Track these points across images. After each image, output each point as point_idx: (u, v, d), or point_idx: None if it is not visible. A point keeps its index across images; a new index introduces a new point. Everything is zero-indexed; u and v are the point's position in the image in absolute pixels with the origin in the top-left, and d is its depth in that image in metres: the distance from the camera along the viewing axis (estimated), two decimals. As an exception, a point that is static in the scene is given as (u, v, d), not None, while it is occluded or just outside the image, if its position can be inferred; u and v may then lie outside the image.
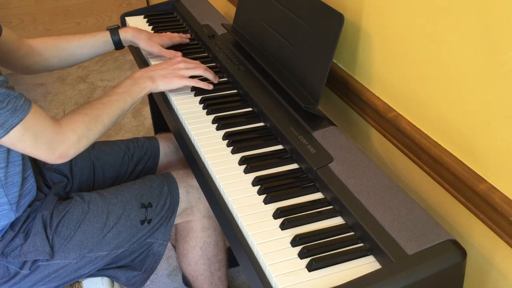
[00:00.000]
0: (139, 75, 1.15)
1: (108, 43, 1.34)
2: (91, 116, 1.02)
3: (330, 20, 1.04)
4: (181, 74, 1.17)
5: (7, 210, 1.03)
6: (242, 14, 1.38)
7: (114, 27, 1.35)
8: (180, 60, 1.21)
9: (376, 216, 0.82)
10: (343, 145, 0.97)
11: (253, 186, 0.95)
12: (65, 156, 0.99)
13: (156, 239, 1.18)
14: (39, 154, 0.96)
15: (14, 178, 1.03)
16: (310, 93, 1.08)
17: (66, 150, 0.98)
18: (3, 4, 2.81)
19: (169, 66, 1.19)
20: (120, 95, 1.09)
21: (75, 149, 1.00)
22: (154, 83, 1.14)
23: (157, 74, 1.15)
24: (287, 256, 0.80)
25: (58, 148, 0.97)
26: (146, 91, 1.13)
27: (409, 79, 0.97)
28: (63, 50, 1.30)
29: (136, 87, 1.12)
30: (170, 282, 1.68)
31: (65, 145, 0.98)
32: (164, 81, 1.15)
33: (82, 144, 1.01)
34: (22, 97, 0.92)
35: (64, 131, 0.98)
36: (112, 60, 3.07)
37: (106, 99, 1.07)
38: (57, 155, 0.98)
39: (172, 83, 1.16)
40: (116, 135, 2.42)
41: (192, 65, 1.20)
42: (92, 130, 1.02)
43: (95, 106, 1.05)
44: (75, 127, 0.99)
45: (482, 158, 0.83)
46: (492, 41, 0.76)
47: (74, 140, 0.99)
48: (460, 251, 0.76)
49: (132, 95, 1.10)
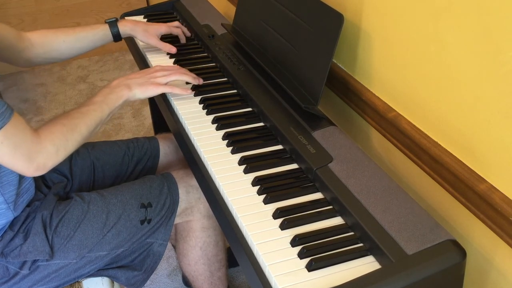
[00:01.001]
0: (116, 83, 1.15)
1: (107, 36, 1.37)
2: (69, 126, 1.01)
3: (330, 20, 1.04)
4: (157, 81, 1.17)
5: (4, 209, 1.03)
6: (242, 14, 1.38)
7: (112, 20, 1.38)
8: (157, 68, 1.21)
9: (376, 216, 0.82)
10: (343, 145, 0.97)
11: (253, 186, 0.95)
12: (43, 168, 0.97)
13: (156, 239, 1.18)
14: (16, 164, 0.94)
15: (9, 177, 1.02)
16: (310, 93, 1.08)
17: (44, 162, 0.96)
18: (3, 4, 2.81)
19: (145, 74, 1.19)
20: (98, 104, 1.08)
21: (53, 160, 0.98)
22: (130, 91, 1.14)
23: (133, 82, 1.15)
24: (287, 256, 0.80)
25: (35, 160, 0.95)
26: (123, 99, 1.13)
27: (409, 79, 0.97)
28: (63, 42, 1.31)
29: (113, 96, 1.11)
30: (170, 282, 1.68)
31: (43, 156, 0.96)
32: (140, 89, 1.15)
33: (60, 155, 0.99)
34: (5, 104, 0.90)
35: (43, 141, 0.96)
36: (112, 60, 3.07)
37: (84, 109, 1.06)
38: (35, 167, 0.95)
39: (148, 91, 1.16)
40: (116, 135, 2.42)
41: (167, 72, 1.20)
42: (70, 141, 1.01)
43: (73, 116, 1.04)
44: (54, 138, 0.98)
45: (482, 158, 0.83)
46: (492, 41, 0.76)
47: (52, 152, 0.97)
48: (460, 251, 0.76)
49: (109, 103, 1.10)
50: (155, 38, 1.39)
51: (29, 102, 2.69)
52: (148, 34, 1.38)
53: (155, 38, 1.39)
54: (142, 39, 1.40)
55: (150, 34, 1.38)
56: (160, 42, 1.39)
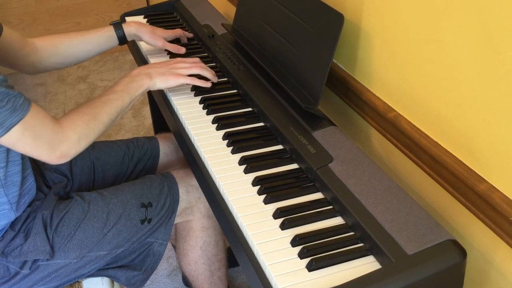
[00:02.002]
0: (136, 72, 1.15)
1: (112, 38, 1.34)
2: (91, 115, 1.02)
3: (330, 20, 1.04)
4: (178, 72, 1.17)
5: (7, 210, 1.03)
6: (242, 14, 1.38)
7: (117, 22, 1.36)
8: (178, 60, 1.21)
9: (376, 216, 0.82)
10: (343, 145, 0.97)
11: (253, 186, 0.95)
12: (66, 156, 0.98)
13: (156, 238, 1.18)
14: (39, 154, 0.96)
15: (13, 178, 1.03)
16: (310, 93, 1.08)
17: (67, 150, 0.98)
18: (3, 4, 2.81)
19: (167, 65, 1.19)
20: (119, 93, 1.09)
21: (76, 148, 1.00)
22: (151, 80, 1.14)
23: (154, 72, 1.15)
24: (287, 256, 0.80)
25: (58, 148, 0.97)
26: (144, 88, 1.13)
27: (409, 79, 0.97)
28: (68, 46, 1.29)
29: (134, 84, 1.12)
30: (170, 282, 1.68)
31: (66, 144, 0.97)
32: (161, 78, 1.15)
33: (82, 143, 1.01)
34: (22, 96, 0.92)
35: (64, 131, 0.97)
36: (112, 60, 3.07)
37: (105, 98, 1.07)
38: (58, 155, 0.97)
39: (169, 81, 1.16)
40: (116, 135, 2.42)
41: (189, 64, 1.20)
42: (92, 129, 1.02)
43: (94, 105, 1.05)
44: (75, 126, 0.99)
45: (482, 158, 0.83)
46: (492, 41, 0.76)
47: (74, 140, 0.99)
48: (460, 251, 0.76)
49: (130, 92, 1.10)
50: (163, 40, 1.37)
51: (29, 102, 2.69)
52: (155, 36, 1.36)
53: (162, 40, 1.37)
54: (149, 40, 1.37)
55: (158, 36, 1.37)
56: (167, 43, 1.38)
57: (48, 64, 1.29)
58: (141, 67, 1.17)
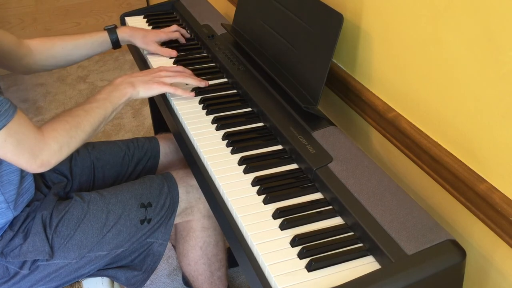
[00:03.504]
0: (119, 81, 1.14)
1: (106, 43, 1.36)
2: (73, 124, 1.01)
3: (330, 20, 1.04)
4: (162, 81, 1.17)
5: (4, 209, 1.03)
6: (241, 14, 1.38)
7: (111, 27, 1.37)
8: (161, 68, 1.21)
9: (376, 216, 0.82)
10: (343, 145, 0.97)
11: (253, 186, 0.95)
12: (46, 165, 0.97)
13: (156, 239, 1.18)
14: (19, 161, 0.94)
15: (10, 177, 1.02)
16: (310, 93, 1.08)
17: (48, 159, 0.97)
18: (3, 4, 2.81)
19: (150, 73, 1.19)
20: (101, 101, 1.08)
21: (56, 158, 0.99)
22: (134, 89, 1.13)
23: (137, 80, 1.15)
24: (287, 256, 0.80)
25: (39, 157, 0.95)
26: (127, 97, 1.13)
27: (409, 79, 0.97)
28: (62, 49, 1.30)
29: (116, 93, 1.11)
30: (170, 282, 1.68)
31: (47, 153, 0.96)
32: (144, 87, 1.15)
33: (63, 152, 1.00)
34: (8, 102, 0.90)
35: (46, 139, 0.96)
36: (112, 60, 3.07)
37: (87, 106, 1.06)
38: (39, 164, 0.96)
39: (152, 89, 1.16)
40: (116, 135, 2.42)
41: (172, 73, 1.20)
42: (74, 138, 1.01)
43: (76, 113, 1.04)
44: (57, 135, 0.98)
45: (482, 158, 0.83)
46: (492, 41, 0.76)
47: (55, 149, 0.98)
48: (460, 251, 0.76)
49: (112, 101, 1.10)
50: (155, 44, 1.39)
51: (29, 102, 2.69)
52: (147, 40, 1.38)
53: (154, 44, 1.38)
54: (141, 45, 1.39)
55: (150, 40, 1.38)
56: (159, 48, 1.39)
57: (42, 65, 1.30)
58: (125, 75, 1.17)
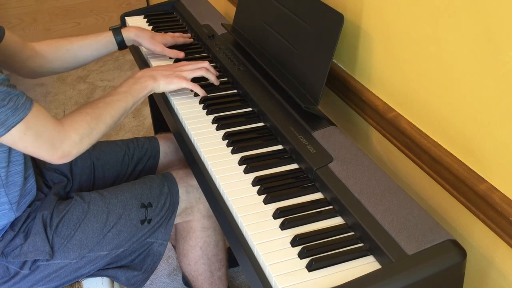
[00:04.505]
0: (140, 74, 1.15)
1: (111, 43, 1.35)
2: (93, 115, 1.02)
3: (330, 20, 1.04)
4: (183, 75, 1.18)
5: (7, 210, 1.03)
6: (242, 14, 1.38)
7: (116, 27, 1.36)
8: (183, 62, 1.22)
9: (376, 216, 0.82)
10: (343, 145, 0.97)
11: (253, 186, 0.95)
12: (68, 156, 0.99)
13: (156, 239, 1.18)
14: (41, 153, 0.96)
15: (15, 178, 1.03)
16: (310, 93, 1.08)
17: (69, 150, 0.98)
18: (3, 4, 2.81)
19: (171, 67, 1.20)
20: (122, 94, 1.09)
21: (77, 148, 1.00)
22: (155, 82, 1.14)
23: (159, 74, 1.16)
24: (287, 256, 0.80)
25: (60, 148, 0.97)
26: (148, 90, 1.13)
27: (409, 79, 0.97)
28: (67, 51, 1.30)
29: (137, 86, 1.12)
30: (170, 282, 1.68)
31: (67, 144, 0.97)
32: (165, 80, 1.15)
33: (84, 143, 1.01)
34: (24, 95, 0.92)
35: (66, 130, 0.97)
36: (112, 60, 3.07)
37: (108, 99, 1.07)
38: (60, 155, 0.97)
39: (172, 84, 1.16)
40: (116, 135, 2.42)
41: (194, 67, 1.20)
42: (94, 130, 1.02)
43: (97, 105, 1.05)
44: (77, 126, 0.99)
45: (482, 158, 0.83)
46: (492, 41, 0.76)
47: (76, 140, 0.99)
48: (460, 251, 0.76)
49: (134, 94, 1.11)
50: (162, 45, 1.37)
51: (29, 102, 2.69)
52: (154, 41, 1.37)
53: (161, 45, 1.37)
54: (148, 46, 1.38)
55: (157, 41, 1.37)
56: (166, 49, 1.37)
57: (48, 68, 1.29)
58: (146, 69, 1.18)
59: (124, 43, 1.37)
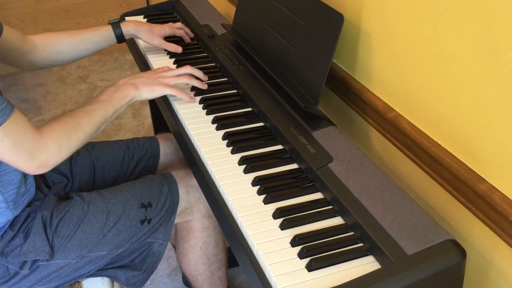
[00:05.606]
0: (122, 82, 1.14)
1: (110, 37, 1.36)
2: (72, 125, 1.00)
3: (330, 20, 1.04)
4: (165, 82, 1.16)
5: (4, 209, 1.03)
6: (242, 14, 1.38)
7: (115, 21, 1.37)
8: (165, 68, 1.20)
9: (376, 216, 0.82)
10: (343, 145, 0.97)
11: (253, 186, 0.95)
12: (45, 166, 0.96)
13: (156, 239, 1.18)
14: (17, 162, 0.93)
15: (10, 176, 1.02)
16: (310, 93, 1.08)
17: (46, 160, 0.96)
18: (3, 4, 2.81)
19: (153, 74, 1.18)
20: (102, 102, 1.07)
21: (55, 158, 0.97)
22: (137, 90, 1.13)
23: (140, 82, 1.14)
24: (287, 256, 0.80)
25: (37, 157, 0.94)
26: (129, 98, 1.12)
27: (409, 79, 0.97)
28: (66, 45, 1.30)
29: (118, 94, 1.10)
30: (170, 282, 1.68)
31: (45, 154, 0.95)
32: (147, 88, 1.14)
33: (62, 153, 0.99)
34: (5, 101, 0.89)
35: (45, 140, 0.95)
36: (112, 60, 3.07)
37: (88, 107, 1.06)
38: (37, 164, 0.95)
39: (154, 91, 1.15)
40: (116, 135, 2.42)
41: (176, 73, 1.19)
42: (73, 139, 1.00)
43: (77, 114, 1.03)
44: (56, 136, 0.97)
45: (482, 158, 0.83)
46: (492, 41, 0.76)
47: (54, 149, 0.96)
48: (460, 251, 0.76)
49: (114, 102, 1.09)
50: (160, 38, 1.38)
51: (29, 102, 2.69)
52: (152, 34, 1.37)
53: (159, 38, 1.38)
54: (146, 39, 1.38)
55: (155, 35, 1.37)
56: (164, 42, 1.38)
57: (47, 61, 1.30)
58: (128, 77, 1.16)
59: (123, 36, 1.37)
